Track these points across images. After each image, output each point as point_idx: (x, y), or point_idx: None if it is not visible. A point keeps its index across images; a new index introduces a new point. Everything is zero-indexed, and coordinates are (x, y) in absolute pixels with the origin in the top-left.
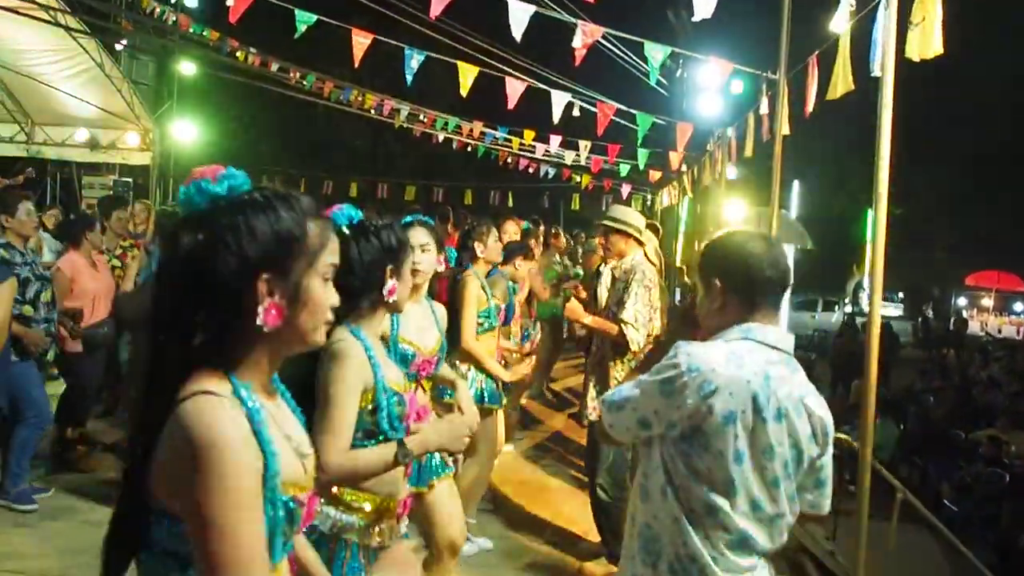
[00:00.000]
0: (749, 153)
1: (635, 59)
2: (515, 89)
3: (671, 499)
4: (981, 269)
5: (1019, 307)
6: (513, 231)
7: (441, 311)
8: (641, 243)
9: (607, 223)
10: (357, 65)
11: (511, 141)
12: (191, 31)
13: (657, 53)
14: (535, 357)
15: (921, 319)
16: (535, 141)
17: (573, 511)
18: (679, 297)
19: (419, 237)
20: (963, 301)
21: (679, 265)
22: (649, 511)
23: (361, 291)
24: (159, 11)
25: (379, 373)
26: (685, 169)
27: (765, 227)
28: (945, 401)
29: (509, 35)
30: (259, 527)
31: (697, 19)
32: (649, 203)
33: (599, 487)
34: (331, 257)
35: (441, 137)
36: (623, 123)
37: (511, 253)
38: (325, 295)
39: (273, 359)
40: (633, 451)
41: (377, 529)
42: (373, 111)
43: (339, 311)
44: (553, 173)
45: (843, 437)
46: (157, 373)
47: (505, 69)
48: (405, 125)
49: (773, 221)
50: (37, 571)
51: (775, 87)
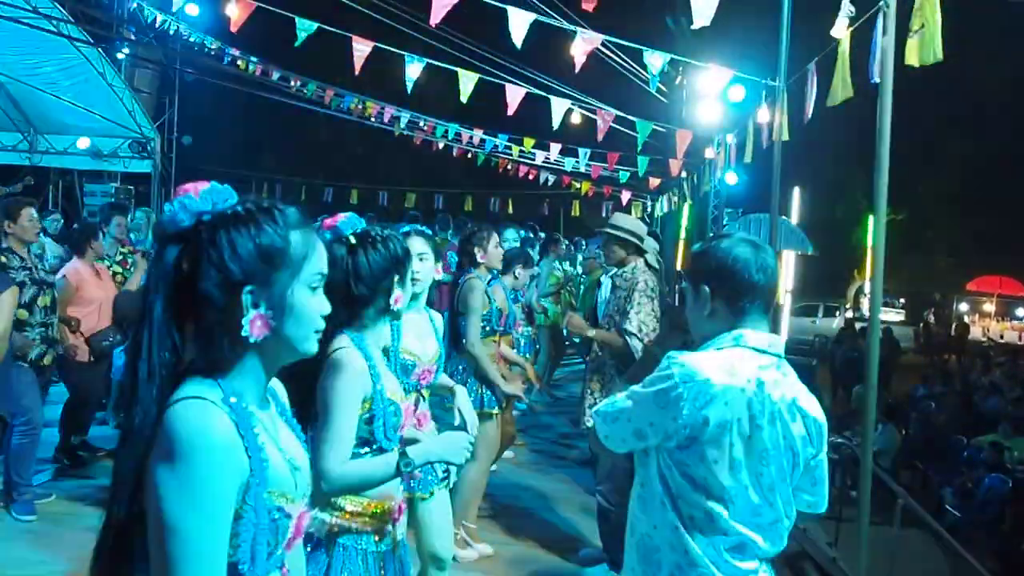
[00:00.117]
0: (749, 159)
1: (634, 66)
2: (515, 96)
3: (669, 508)
4: (982, 274)
5: (1021, 312)
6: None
7: (439, 320)
8: (642, 251)
9: (608, 231)
10: (357, 73)
11: (511, 148)
12: (192, 40)
13: (656, 60)
14: (529, 370)
15: (922, 324)
16: (535, 148)
17: (574, 516)
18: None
19: (417, 246)
20: (964, 306)
21: (680, 270)
22: (648, 521)
23: (369, 300)
24: (161, 21)
25: (378, 383)
26: (685, 176)
27: (759, 234)
28: (947, 407)
29: (509, 42)
30: (220, 537)
31: (696, 27)
32: (649, 210)
33: (599, 493)
34: (318, 266)
35: (441, 144)
36: (623, 130)
37: (510, 262)
38: (313, 304)
39: (266, 369)
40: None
41: (373, 533)
42: (373, 119)
43: (344, 319)
44: (553, 180)
45: (844, 443)
46: (147, 382)
47: (505, 76)
48: (405, 132)
49: (773, 227)
50: None
51: (775, 94)
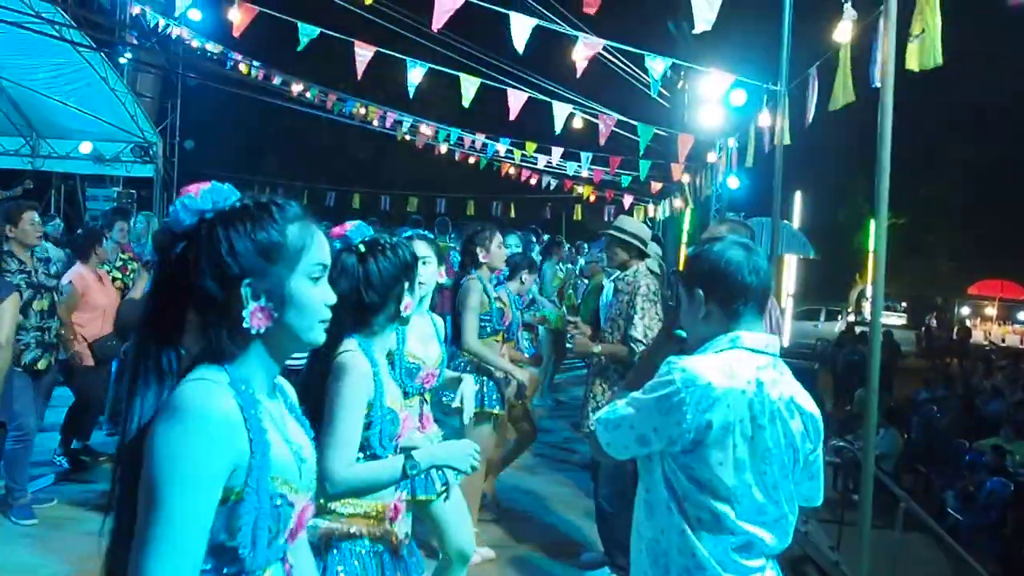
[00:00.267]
0: (750, 164)
1: (636, 71)
2: (517, 101)
3: (676, 512)
4: (984, 278)
5: (1022, 316)
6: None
7: (441, 323)
8: (645, 255)
9: (612, 233)
10: (360, 77)
11: (513, 152)
12: (194, 45)
13: (658, 65)
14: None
15: (924, 328)
16: (537, 152)
17: (575, 520)
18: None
19: (420, 250)
20: (966, 310)
21: (671, 271)
22: (655, 526)
23: (380, 307)
24: (163, 25)
25: (380, 390)
26: (687, 180)
27: (760, 238)
28: (949, 410)
29: (511, 47)
30: (201, 504)
31: (698, 31)
32: (651, 214)
33: (601, 497)
34: (318, 257)
35: (443, 149)
36: (624, 134)
37: (516, 268)
38: (315, 294)
39: (273, 359)
40: (634, 462)
41: (368, 534)
42: (375, 123)
43: (353, 325)
44: (555, 184)
45: (846, 447)
46: (154, 376)
47: (507, 81)
48: (407, 137)
49: (775, 231)
50: None
51: (776, 98)
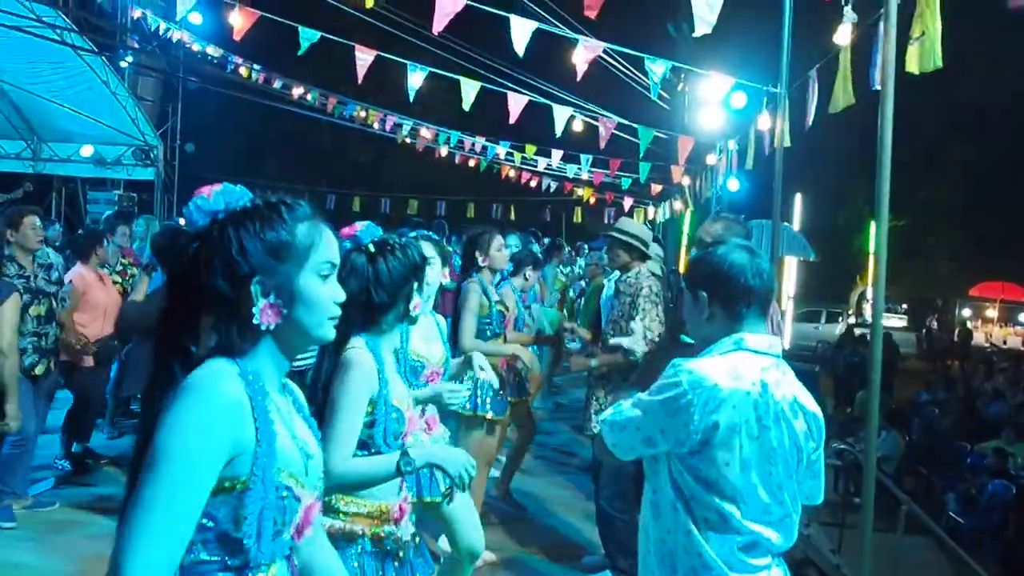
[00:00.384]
0: (750, 166)
1: (636, 73)
2: (517, 104)
3: (682, 512)
4: (985, 280)
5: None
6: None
7: (444, 323)
8: (646, 257)
9: (613, 234)
10: (360, 81)
11: (513, 155)
12: (195, 48)
13: (658, 67)
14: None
15: (925, 330)
16: (537, 155)
17: (576, 522)
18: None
19: (425, 251)
20: (967, 312)
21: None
22: (662, 526)
23: (389, 306)
24: (164, 29)
25: (385, 388)
26: (687, 182)
27: (760, 240)
28: (950, 413)
29: (511, 50)
30: (192, 481)
31: (698, 34)
32: (651, 216)
33: (603, 499)
34: (326, 255)
35: (444, 152)
36: (625, 136)
37: (519, 264)
38: (324, 292)
39: (283, 354)
40: (636, 463)
41: (371, 535)
42: (376, 126)
43: (362, 323)
44: (555, 187)
45: (848, 449)
46: (170, 366)
47: (507, 84)
48: (408, 140)
49: (775, 233)
50: None
51: (776, 100)
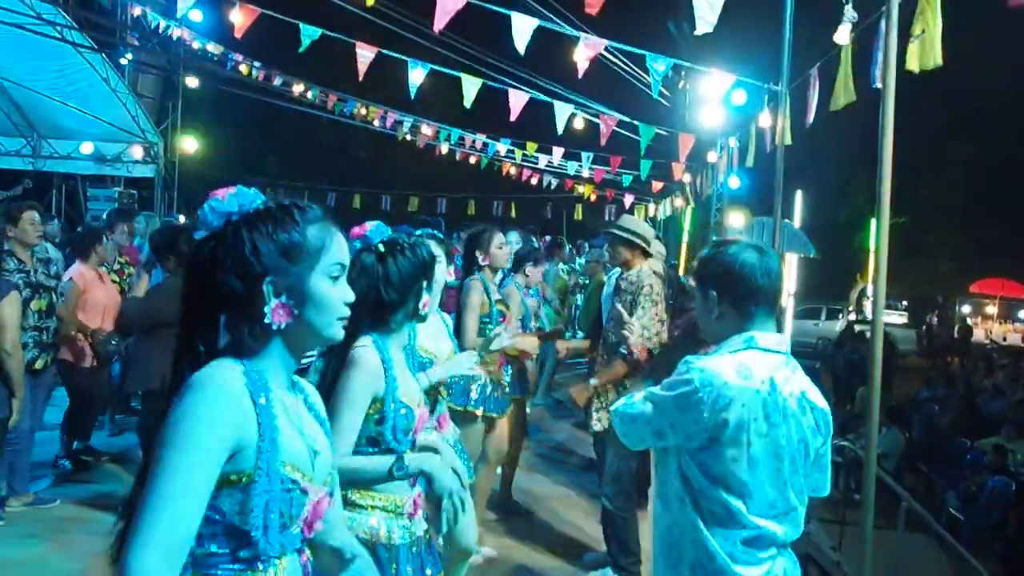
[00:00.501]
0: (751, 163)
1: (637, 71)
2: (518, 101)
3: (689, 505)
4: (985, 277)
5: (1023, 314)
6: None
7: (450, 320)
8: (648, 255)
9: (615, 232)
10: (361, 78)
11: (514, 152)
12: (195, 46)
13: (659, 65)
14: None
15: (925, 327)
16: (538, 152)
17: (578, 520)
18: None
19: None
20: (967, 309)
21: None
22: (670, 517)
23: (398, 305)
24: (164, 26)
25: (392, 385)
26: (687, 179)
27: (762, 237)
28: (950, 410)
29: (512, 48)
30: (190, 468)
31: (699, 33)
32: (652, 213)
33: (604, 497)
34: (336, 257)
35: (444, 149)
36: (625, 134)
37: (520, 261)
38: (334, 293)
39: (291, 354)
40: (638, 462)
41: (386, 527)
42: (376, 123)
43: (370, 322)
44: (556, 184)
45: (848, 446)
46: (182, 367)
47: (508, 81)
48: (408, 137)
49: (776, 230)
50: None
51: (777, 98)
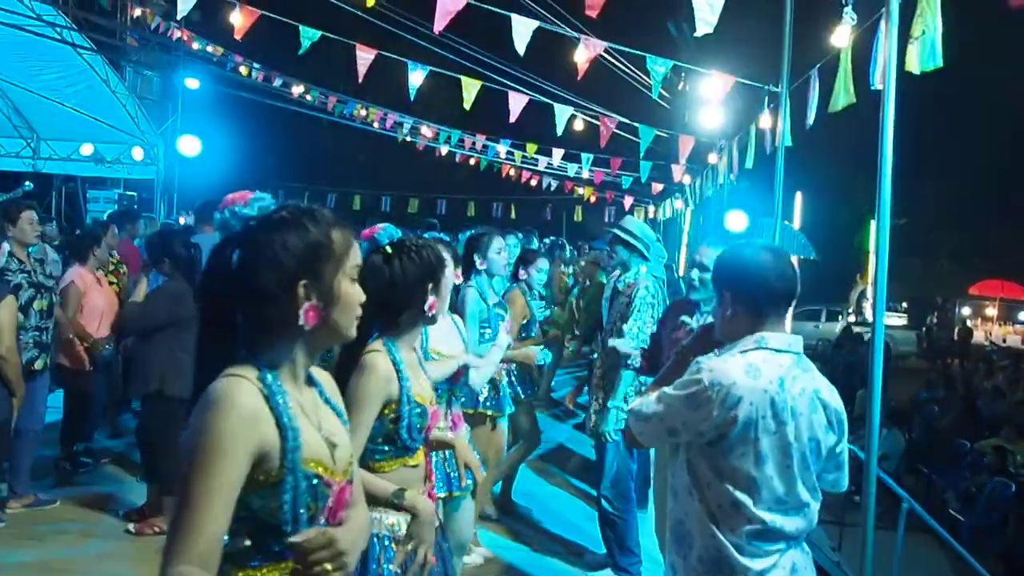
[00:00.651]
0: (750, 165)
1: (637, 72)
2: (518, 103)
3: (697, 499)
4: (984, 278)
5: (1023, 316)
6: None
7: (460, 322)
8: (646, 258)
9: (616, 231)
10: (361, 80)
11: (514, 154)
12: (195, 47)
13: (659, 67)
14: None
15: (925, 329)
16: (537, 154)
17: (577, 522)
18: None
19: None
20: (967, 310)
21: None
22: (680, 508)
23: (403, 307)
24: (164, 27)
25: (406, 386)
26: (687, 181)
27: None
28: (950, 411)
29: (512, 49)
30: (216, 485)
31: (699, 34)
32: (652, 215)
33: (604, 499)
34: (356, 259)
35: (444, 150)
36: (625, 135)
37: (515, 267)
38: (355, 294)
39: (309, 354)
40: (638, 464)
41: (395, 521)
42: (376, 125)
43: (379, 324)
44: (555, 185)
45: (848, 447)
46: (203, 368)
47: (508, 83)
48: (408, 139)
49: (776, 232)
50: None
51: (777, 99)
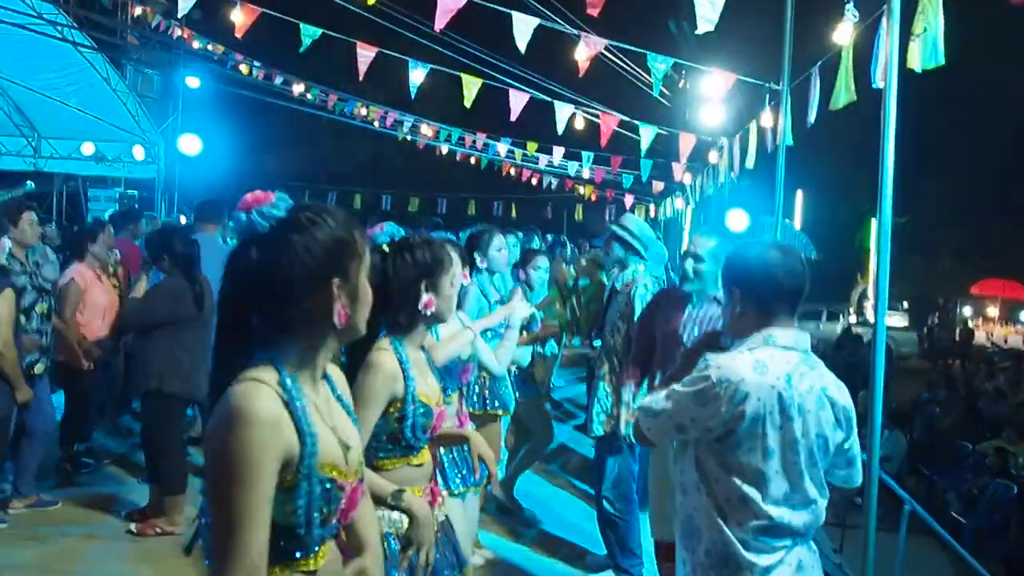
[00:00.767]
0: (751, 164)
1: (638, 70)
2: (518, 101)
3: (705, 494)
4: (986, 277)
5: None
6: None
7: (467, 320)
8: (643, 257)
9: (615, 229)
10: (361, 78)
11: (514, 152)
12: (196, 45)
13: (660, 64)
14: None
15: (926, 329)
16: (538, 152)
17: (578, 522)
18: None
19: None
20: (968, 310)
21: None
22: (689, 504)
23: (399, 306)
24: (165, 25)
25: (411, 385)
26: (688, 180)
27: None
28: (951, 412)
29: (513, 47)
30: (255, 500)
31: (700, 32)
32: (652, 214)
33: (605, 500)
34: (370, 258)
35: (445, 149)
36: (626, 134)
37: (515, 269)
38: (370, 291)
39: (326, 352)
40: (639, 465)
41: (399, 517)
42: (376, 123)
43: (386, 323)
44: (556, 184)
45: None
46: (221, 368)
47: (508, 81)
48: (408, 137)
49: (777, 230)
50: None
51: (778, 97)
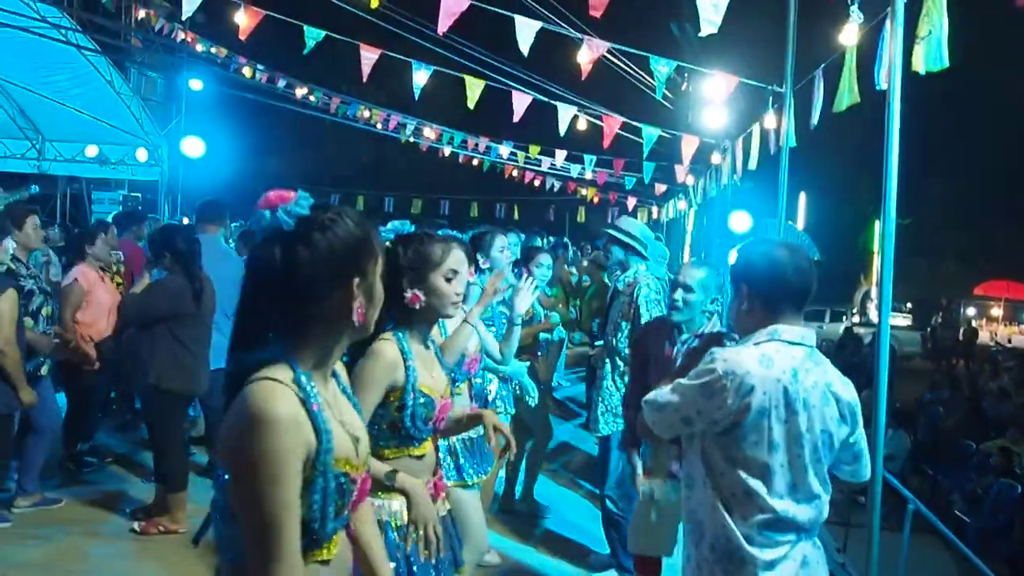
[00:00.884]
0: (754, 166)
1: (641, 73)
2: (521, 103)
3: (710, 487)
4: (990, 279)
5: None
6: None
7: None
8: (644, 257)
9: (612, 232)
10: (365, 80)
11: (517, 155)
12: (199, 48)
13: (663, 67)
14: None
15: (930, 329)
16: (541, 155)
17: (582, 521)
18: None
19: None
20: (972, 311)
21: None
22: (695, 498)
23: (389, 301)
24: (168, 28)
25: (412, 375)
26: (691, 182)
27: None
28: (955, 412)
29: (516, 50)
30: (289, 499)
31: (704, 34)
32: (655, 216)
33: (608, 499)
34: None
35: (447, 151)
36: (629, 136)
37: (517, 264)
38: (382, 290)
39: (338, 349)
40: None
41: (399, 507)
42: (379, 125)
43: (392, 316)
44: (559, 186)
45: None
46: (237, 364)
47: (511, 83)
48: (411, 139)
49: (780, 232)
50: None
51: (781, 100)
